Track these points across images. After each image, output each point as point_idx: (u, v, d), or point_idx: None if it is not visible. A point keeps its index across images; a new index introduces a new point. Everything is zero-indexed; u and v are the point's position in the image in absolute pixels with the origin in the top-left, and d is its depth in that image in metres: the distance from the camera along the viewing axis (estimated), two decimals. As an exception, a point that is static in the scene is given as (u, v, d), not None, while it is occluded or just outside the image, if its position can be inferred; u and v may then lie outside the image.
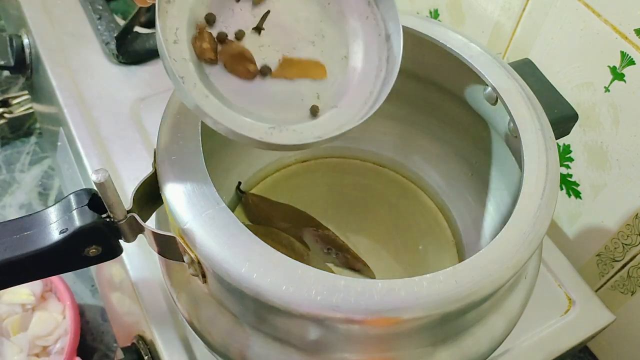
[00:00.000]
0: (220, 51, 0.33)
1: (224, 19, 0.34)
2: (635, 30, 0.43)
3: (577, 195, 0.54)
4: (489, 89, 0.39)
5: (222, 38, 0.33)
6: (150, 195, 0.34)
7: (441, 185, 0.51)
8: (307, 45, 0.35)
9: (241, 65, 0.33)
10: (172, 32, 0.32)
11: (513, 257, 0.31)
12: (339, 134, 0.32)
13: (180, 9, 0.33)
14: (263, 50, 0.34)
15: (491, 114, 0.42)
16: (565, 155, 0.54)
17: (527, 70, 0.44)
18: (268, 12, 0.34)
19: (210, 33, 0.33)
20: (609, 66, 0.46)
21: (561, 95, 0.43)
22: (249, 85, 0.33)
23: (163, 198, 0.32)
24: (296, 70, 0.34)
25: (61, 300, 0.59)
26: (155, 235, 0.33)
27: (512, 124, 0.37)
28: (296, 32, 0.35)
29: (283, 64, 0.34)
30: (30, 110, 0.77)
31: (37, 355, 0.56)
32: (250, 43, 0.34)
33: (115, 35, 0.59)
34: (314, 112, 0.34)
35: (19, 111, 0.76)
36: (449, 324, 0.32)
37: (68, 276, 0.64)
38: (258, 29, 0.34)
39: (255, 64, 0.33)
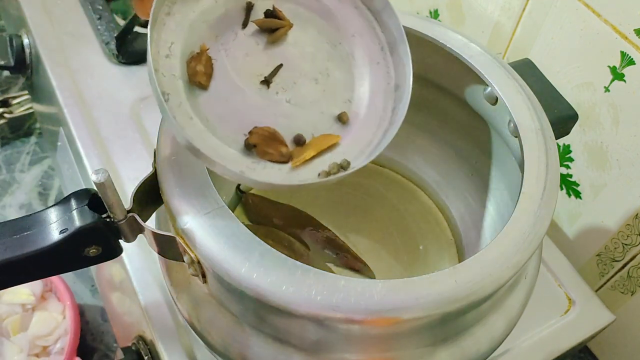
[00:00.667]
0: (252, 131, 0.31)
1: (225, 41, 0.33)
2: (635, 30, 0.43)
3: (577, 195, 0.54)
4: (489, 89, 0.39)
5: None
6: (150, 195, 0.34)
7: (441, 185, 0.51)
8: (308, 82, 0.33)
9: (273, 148, 0.31)
10: (166, 46, 0.31)
11: (513, 257, 0.31)
12: (323, 181, 0.30)
13: (179, 24, 0.32)
14: (259, 80, 0.33)
15: (491, 114, 0.42)
16: (565, 155, 0.54)
17: (527, 70, 0.44)
18: (280, 65, 0.33)
19: (210, 58, 0.32)
20: (609, 66, 0.46)
21: (561, 95, 0.43)
22: (239, 113, 0.32)
23: (163, 198, 0.32)
24: (313, 148, 0.32)
25: (61, 300, 0.59)
26: (155, 235, 0.33)
27: (512, 124, 0.37)
28: (300, 67, 0.33)
29: (298, 149, 0.32)
30: (30, 110, 0.77)
31: (37, 355, 0.56)
32: (248, 70, 0.33)
33: (115, 35, 0.59)
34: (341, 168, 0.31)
35: (19, 111, 0.76)
36: (449, 324, 0.32)
37: (68, 276, 0.64)
38: (267, 82, 0.33)
39: (286, 145, 0.31)
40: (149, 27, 0.30)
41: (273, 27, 0.33)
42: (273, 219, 0.49)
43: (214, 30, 0.32)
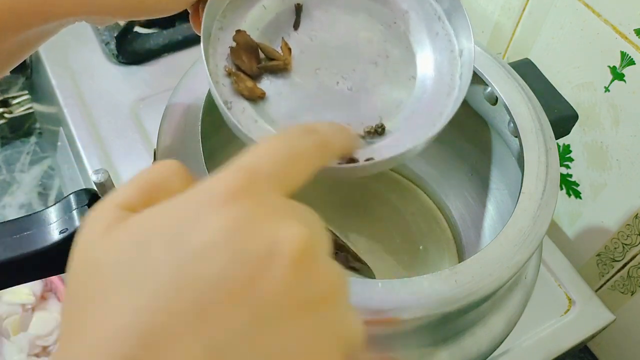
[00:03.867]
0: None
1: (279, 43, 0.33)
2: (635, 30, 0.43)
3: (577, 195, 0.54)
4: (489, 89, 0.39)
5: None
6: (150, 195, 0.34)
7: (441, 185, 0.51)
8: (368, 67, 0.33)
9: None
10: (222, 58, 0.32)
11: (513, 257, 0.31)
12: (400, 154, 0.30)
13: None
14: (319, 74, 0.33)
15: (491, 114, 0.42)
16: (565, 155, 0.54)
17: (527, 70, 0.44)
18: (300, 6, 0.33)
19: (244, 71, 0.32)
20: (609, 66, 0.46)
21: (561, 95, 0.43)
22: (304, 109, 0.32)
23: (163, 198, 0.32)
24: None
25: (61, 300, 0.59)
26: (155, 235, 0.33)
27: (512, 124, 0.37)
28: (356, 53, 0.33)
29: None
30: (30, 110, 0.77)
31: (37, 355, 0.56)
32: (305, 66, 0.33)
33: (115, 35, 0.59)
34: (376, 134, 0.32)
35: (19, 111, 0.76)
36: (449, 324, 0.32)
37: (68, 276, 0.64)
38: (296, 26, 0.33)
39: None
40: (202, 44, 0.30)
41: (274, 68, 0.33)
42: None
43: (267, 35, 0.33)
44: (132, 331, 0.16)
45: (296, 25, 0.33)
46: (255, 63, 0.32)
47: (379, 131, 0.32)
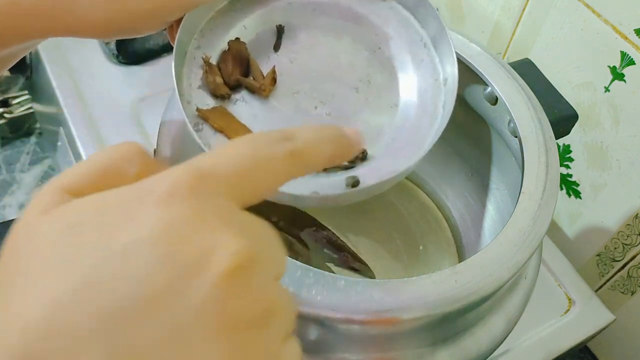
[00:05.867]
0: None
1: (261, 65, 0.32)
2: (635, 30, 0.43)
3: (577, 195, 0.54)
4: (489, 89, 0.39)
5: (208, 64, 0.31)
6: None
7: (441, 185, 0.51)
8: (348, 92, 0.32)
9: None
10: (198, 77, 0.31)
11: (513, 257, 0.31)
12: (385, 180, 0.29)
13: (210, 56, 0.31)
14: (297, 98, 0.32)
15: (491, 114, 0.42)
16: (565, 155, 0.54)
17: (527, 70, 0.44)
18: (282, 26, 0.32)
19: (222, 74, 0.31)
20: (609, 66, 0.46)
21: (561, 95, 0.43)
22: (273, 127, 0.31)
23: (163, 198, 0.32)
24: None
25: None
26: (155, 235, 0.32)
27: (512, 124, 0.37)
28: (338, 78, 0.32)
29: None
30: (30, 110, 0.77)
31: (37, 355, 0.56)
32: (284, 89, 0.32)
33: (115, 35, 0.59)
34: (357, 159, 0.31)
35: (19, 111, 0.76)
36: (449, 324, 0.32)
37: (68, 276, 0.64)
38: (276, 48, 0.32)
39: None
40: (173, 64, 0.29)
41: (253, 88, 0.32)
42: (273, 219, 0.48)
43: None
44: (37, 329, 0.15)
45: (276, 48, 0.33)
46: (237, 73, 0.31)
47: (360, 157, 0.31)
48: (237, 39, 0.32)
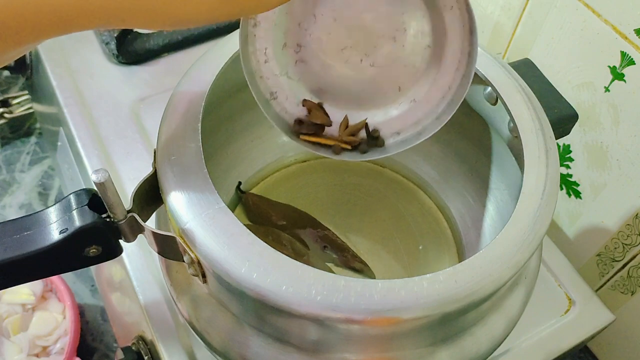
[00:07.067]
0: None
1: (307, 26, 0.35)
2: (635, 30, 0.43)
3: (577, 195, 0.54)
4: (489, 89, 0.39)
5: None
6: (150, 195, 0.34)
7: (441, 185, 0.51)
8: (387, 42, 0.35)
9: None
10: (262, 53, 0.34)
11: (513, 257, 0.31)
12: (416, 132, 0.34)
13: (266, 29, 0.34)
14: (345, 53, 0.35)
15: (491, 114, 0.42)
16: (565, 155, 0.54)
17: (527, 70, 0.44)
18: None
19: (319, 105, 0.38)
20: (609, 66, 0.46)
21: (561, 95, 0.43)
22: (337, 88, 0.36)
23: (163, 198, 0.32)
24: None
25: (61, 300, 0.59)
26: (155, 235, 0.33)
27: (512, 124, 0.37)
28: (376, 29, 0.35)
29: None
30: (30, 110, 0.77)
31: (37, 355, 0.56)
32: (333, 48, 0.35)
33: (115, 35, 0.58)
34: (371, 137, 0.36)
35: (19, 111, 0.76)
36: (449, 324, 0.32)
37: (68, 276, 0.64)
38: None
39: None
40: (239, 45, 0.33)
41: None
42: (273, 219, 0.49)
43: (295, 19, 0.34)
44: None
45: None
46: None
47: (374, 135, 0.36)
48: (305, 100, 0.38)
